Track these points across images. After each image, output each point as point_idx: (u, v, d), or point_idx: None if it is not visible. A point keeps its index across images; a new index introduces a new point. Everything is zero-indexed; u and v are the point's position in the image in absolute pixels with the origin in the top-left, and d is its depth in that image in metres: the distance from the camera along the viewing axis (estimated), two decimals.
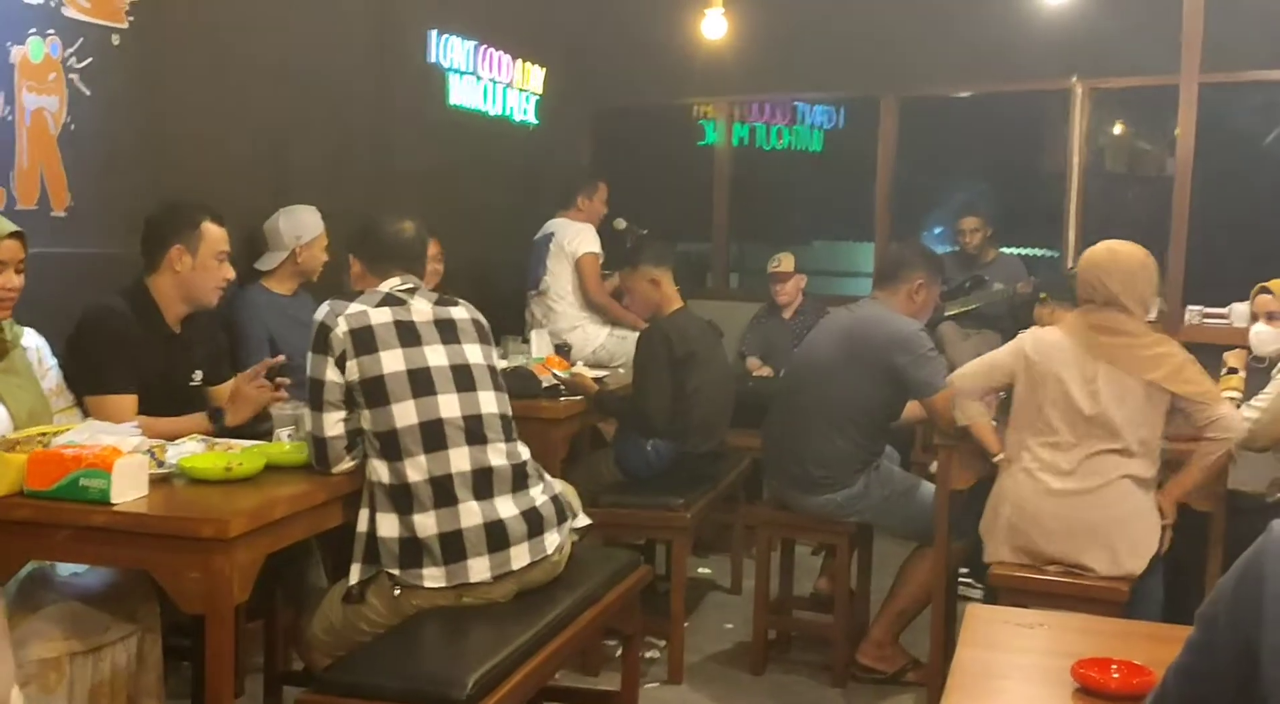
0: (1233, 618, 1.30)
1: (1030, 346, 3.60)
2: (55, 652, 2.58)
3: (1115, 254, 3.52)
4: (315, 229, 4.40)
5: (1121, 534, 3.40)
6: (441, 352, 3.02)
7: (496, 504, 2.93)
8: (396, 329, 2.98)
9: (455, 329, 3.10)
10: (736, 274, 8.52)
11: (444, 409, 2.94)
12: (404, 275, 3.16)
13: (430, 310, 3.09)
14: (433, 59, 5.71)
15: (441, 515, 2.86)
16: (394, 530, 2.86)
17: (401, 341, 2.96)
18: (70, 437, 2.66)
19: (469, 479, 2.91)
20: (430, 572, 2.85)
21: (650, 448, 4.46)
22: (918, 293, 4.26)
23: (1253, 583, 1.28)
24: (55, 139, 3.60)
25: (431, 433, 2.90)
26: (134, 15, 3.84)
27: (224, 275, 3.46)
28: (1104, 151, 8.47)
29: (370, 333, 2.93)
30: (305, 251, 4.38)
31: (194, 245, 3.38)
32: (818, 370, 4.25)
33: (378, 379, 2.90)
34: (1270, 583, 1.26)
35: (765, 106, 8.55)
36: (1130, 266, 3.49)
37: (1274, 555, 1.28)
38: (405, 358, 2.95)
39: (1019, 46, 6.23)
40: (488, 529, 2.90)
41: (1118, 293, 3.46)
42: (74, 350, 3.21)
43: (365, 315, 2.96)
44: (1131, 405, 3.42)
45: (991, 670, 2.09)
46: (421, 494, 2.86)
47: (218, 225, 3.45)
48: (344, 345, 2.91)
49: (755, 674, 4.31)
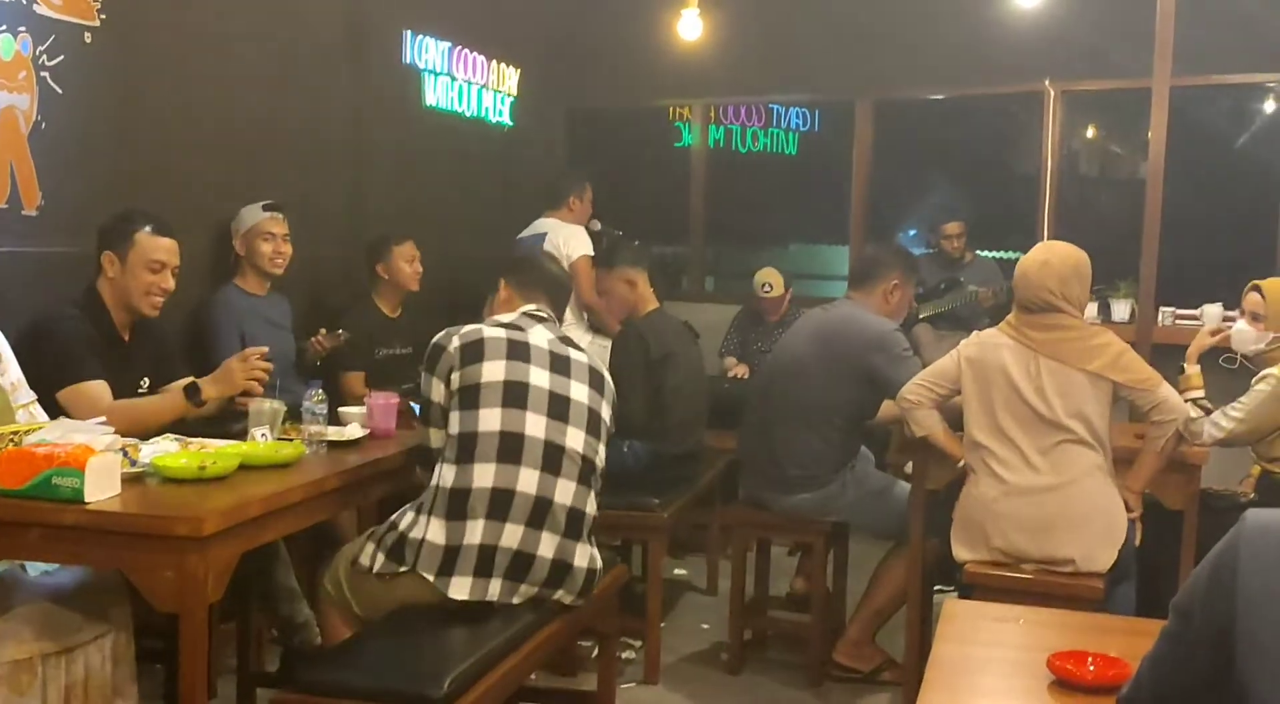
0: (1207, 607, 1.32)
1: (971, 349, 3.62)
2: (27, 653, 2.55)
3: (1048, 259, 3.56)
4: (252, 218, 4.34)
5: (1088, 526, 3.42)
6: (546, 377, 3.03)
7: (541, 538, 2.93)
8: (508, 345, 3.01)
9: (569, 364, 3.11)
10: (712, 277, 8.53)
11: (529, 426, 2.94)
12: (548, 305, 3.24)
13: (549, 341, 3.12)
14: (408, 60, 5.70)
15: (489, 527, 2.87)
16: (440, 537, 2.86)
17: (509, 355, 3.00)
18: (42, 435, 2.64)
19: (529, 503, 2.91)
20: (459, 581, 2.85)
21: (626, 448, 4.45)
22: (893, 293, 4.28)
23: (1226, 572, 1.29)
24: (26, 137, 3.57)
25: (509, 445, 2.91)
26: (106, 13, 3.81)
27: (159, 285, 3.43)
28: (1077, 155, 8.54)
29: (480, 345, 2.99)
30: (245, 243, 4.34)
31: (124, 253, 3.39)
32: (793, 371, 4.25)
33: (475, 386, 2.94)
34: (1244, 572, 1.27)
35: (741, 109, 8.57)
36: (1063, 271, 3.51)
37: (1248, 544, 1.29)
38: (507, 370, 2.97)
39: (992, 50, 6.27)
40: (518, 556, 2.90)
41: (1051, 296, 3.49)
42: (34, 353, 3.18)
43: (479, 331, 3.03)
44: (1077, 397, 3.44)
45: (968, 665, 2.10)
46: (479, 501, 2.87)
47: (157, 236, 3.43)
48: (453, 360, 2.97)
49: (731, 674, 4.31)
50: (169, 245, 3.45)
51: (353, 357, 4.65)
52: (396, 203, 5.56)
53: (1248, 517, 1.32)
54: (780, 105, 8.74)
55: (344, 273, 5.12)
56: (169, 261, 3.45)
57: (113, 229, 3.43)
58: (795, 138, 9.10)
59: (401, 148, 5.63)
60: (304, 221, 4.46)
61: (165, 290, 3.46)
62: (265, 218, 4.33)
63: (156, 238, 3.43)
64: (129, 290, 3.41)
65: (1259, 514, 1.32)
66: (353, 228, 5.23)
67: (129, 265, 3.39)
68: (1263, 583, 1.26)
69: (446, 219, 5.84)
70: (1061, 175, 6.53)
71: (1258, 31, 5.78)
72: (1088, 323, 3.56)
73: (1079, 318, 3.53)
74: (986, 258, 6.93)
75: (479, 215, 6.18)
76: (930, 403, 3.71)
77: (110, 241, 3.41)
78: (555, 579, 2.97)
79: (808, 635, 4.30)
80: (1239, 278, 4.19)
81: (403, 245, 4.93)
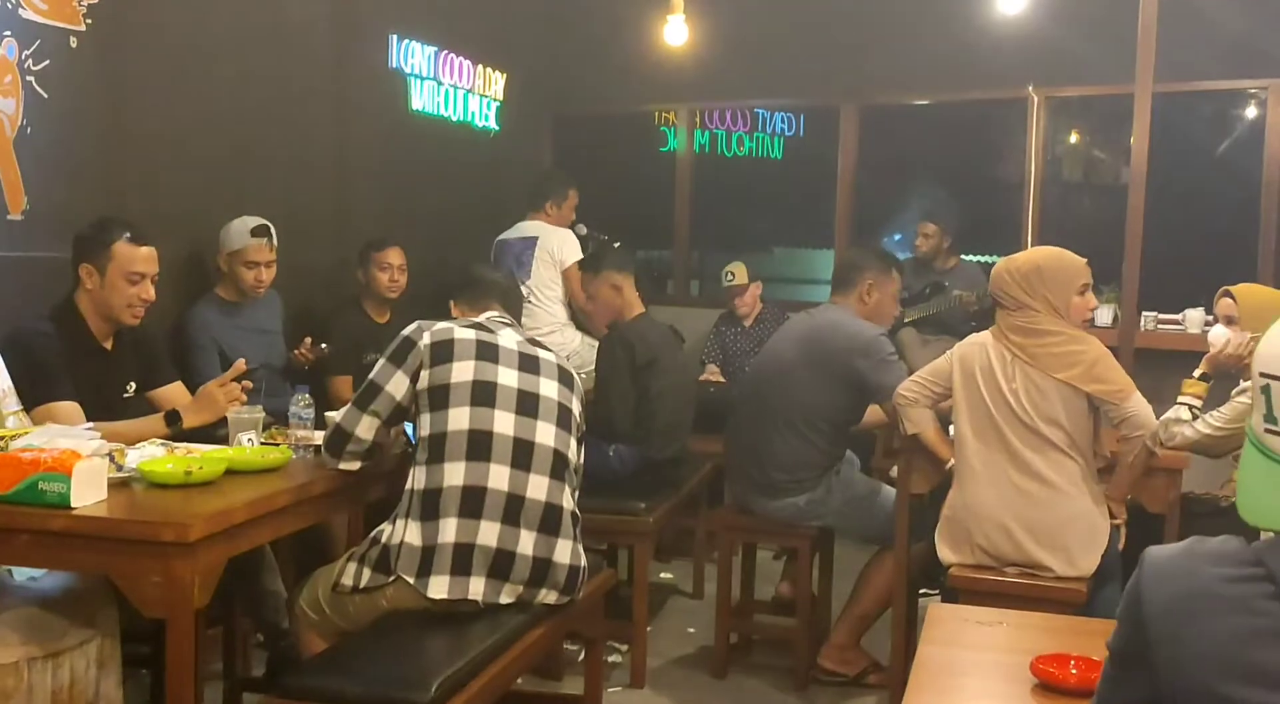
0: (1127, 643, 1.40)
1: (962, 352, 3.64)
2: (13, 657, 2.54)
3: (1013, 258, 3.61)
4: (238, 241, 4.23)
5: (1071, 532, 3.44)
6: (514, 375, 3.04)
7: (520, 535, 2.92)
8: (477, 346, 3.02)
9: (538, 363, 3.12)
10: (697, 281, 8.54)
11: (498, 424, 2.95)
12: (502, 311, 3.27)
13: (517, 343, 3.13)
14: (394, 64, 5.70)
15: (463, 526, 2.86)
16: (417, 538, 2.86)
17: (478, 356, 3.00)
18: (29, 440, 2.64)
19: (501, 500, 2.91)
20: (437, 580, 2.85)
21: (613, 453, 4.46)
22: (869, 293, 4.29)
23: (1134, 608, 1.38)
24: (11, 142, 3.56)
25: (478, 443, 2.91)
26: (92, 18, 3.81)
27: (138, 295, 3.38)
28: (1061, 160, 8.58)
29: (450, 346, 2.99)
30: (229, 262, 4.26)
31: (102, 265, 3.35)
32: (779, 375, 4.27)
33: (444, 386, 2.94)
34: (1148, 604, 1.35)
35: (726, 114, 8.58)
36: (1025, 268, 3.54)
37: (1149, 578, 1.37)
38: (476, 370, 2.98)
39: (976, 56, 6.30)
40: (498, 555, 2.89)
41: (1020, 293, 3.52)
42: (9, 367, 3.15)
43: (450, 331, 3.02)
44: (1051, 404, 3.46)
45: (953, 668, 2.12)
46: (450, 500, 2.87)
47: (134, 245, 3.37)
48: (422, 357, 2.97)
49: (717, 678, 4.32)
50: (147, 254, 3.40)
51: (340, 361, 4.64)
52: (382, 207, 5.56)
53: (1145, 560, 1.40)
54: (765, 110, 8.75)
55: (330, 278, 5.11)
56: (148, 271, 3.40)
57: (89, 240, 3.37)
58: (780, 142, 9.11)
59: (387, 152, 5.63)
60: (289, 227, 4.45)
61: (146, 301, 3.41)
62: (251, 244, 4.22)
63: (134, 247, 3.37)
64: (109, 303, 3.37)
65: (1156, 558, 1.39)
66: (338, 233, 5.23)
67: (108, 278, 3.34)
68: (1172, 637, 1.33)
69: (432, 224, 5.84)
70: (1045, 180, 6.57)
71: (1240, 38, 5.83)
72: (1070, 328, 3.56)
73: (1057, 321, 3.53)
74: (971, 262, 6.95)
75: (464, 220, 6.18)
76: (926, 401, 3.73)
77: (87, 253, 3.36)
78: (538, 577, 2.97)
79: (793, 639, 4.31)
80: (1221, 283, 4.21)
81: (383, 252, 4.89)
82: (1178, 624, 1.32)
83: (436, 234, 5.80)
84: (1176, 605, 1.33)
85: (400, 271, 4.93)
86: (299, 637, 3.12)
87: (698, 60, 6.44)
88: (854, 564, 4.38)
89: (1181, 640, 1.31)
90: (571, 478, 3.10)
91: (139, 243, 3.39)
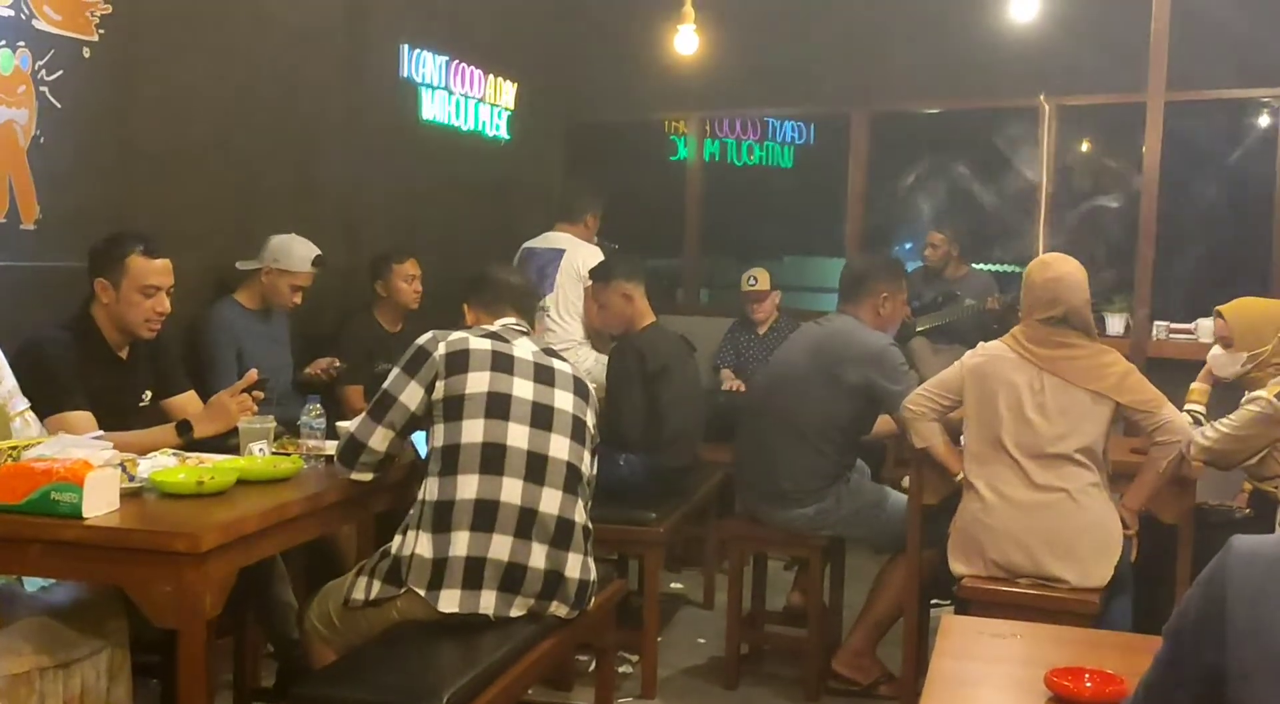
0: (1197, 636, 1.33)
1: (975, 362, 3.63)
2: (25, 667, 2.54)
3: (1053, 266, 3.59)
4: (299, 264, 4.36)
5: (1085, 543, 3.43)
6: (530, 387, 3.02)
7: (531, 549, 2.91)
8: (492, 357, 3.01)
9: (553, 374, 3.11)
10: (707, 289, 8.54)
11: (511, 437, 2.94)
12: (518, 317, 3.23)
13: (533, 353, 3.11)
14: (405, 74, 5.71)
15: (475, 539, 2.85)
16: (428, 551, 2.85)
17: (493, 367, 2.99)
18: (41, 450, 2.64)
19: (514, 513, 2.90)
20: (448, 594, 2.84)
21: (623, 462, 4.45)
22: (884, 305, 4.28)
23: (1214, 604, 1.30)
24: (25, 151, 3.57)
25: (491, 456, 2.90)
26: (105, 28, 3.82)
27: (153, 308, 3.39)
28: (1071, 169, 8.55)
29: (465, 356, 2.97)
30: (272, 276, 4.35)
31: (117, 279, 3.35)
32: (789, 385, 4.26)
33: (459, 397, 2.93)
34: (1232, 602, 1.29)
35: (736, 122, 8.59)
36: (1072, 281, 3.54)
37: (1235, 574, 1.30)
38: (491, 381, 2.96)
39: (987, 64, 6.30)
40: (510, 569, 2.89)
41: (1069, 307, 3.51)
42: (23, 375, 3.16)
43: (465, 341, 3.01)
44: (1078, 415, 3.46)
45: (966, 680, 2.11)
46: (463, 513, 2.86)
47: (149, 258, 3.37)
48: (437, 368, 2.95)
49: (728, 689, 4.30)
50: (162, 267, 3.40)
51: (352, 371, 4.65)
52: (394, 217, 5.57)
53: (1234, 543, 1.33)
54: (776, 119, 8.75)
55: (342, 287, 5.12)
56: (163, 283, 3.40)
57: (104, 253, 3.38)
58: (791, 151, 9.10)
59: (398, 162, 5.64)
60: (300, 235, 4.45)
61: (161, 314, 3.42)
62: (305, 272, 4.37)
63: (149, 260, 3.37)
64: (125, 317, 3.37)
65: (1245, 541, 1.33)
66: (350, 242, 5.24)
67: (123, 292, 3.35)
68: (1251, 613, 1.27)
69: (444, 233, 5.84)
70: (1056, 189, 6.56)
71: (1251, 47, 5.81)
72: (1095, 341, 3.56)
73: (1087, 335, 3.54)
74: (980, 270, 6.94)
75: (476, 229, 6.19)
76: (933, 414, 3.72)
77: (102, 267, 3.36)
78: (549, 591, 2.96)
79: (804, 649, 4.30)
80: (1233, 292, 4.19)
81: (403, 264, 4.94)
82: (1261, 589, 1.27)
83: (447, 243, 5.80)
84: (1265, 582, 1.28)
85: (419, 281, 4.97)
86: (309, 651, 3.11)
87: (708, 69, 6.44)
88: (865, 574, 4.37)
89: (1265, 603, 1.26)
90: (584, 491, 3.09)
91: (153, 255, 3.39)
